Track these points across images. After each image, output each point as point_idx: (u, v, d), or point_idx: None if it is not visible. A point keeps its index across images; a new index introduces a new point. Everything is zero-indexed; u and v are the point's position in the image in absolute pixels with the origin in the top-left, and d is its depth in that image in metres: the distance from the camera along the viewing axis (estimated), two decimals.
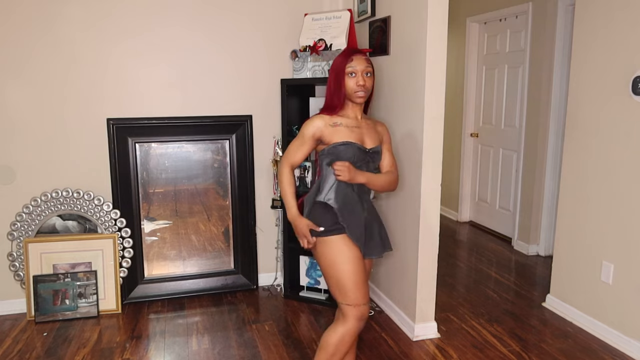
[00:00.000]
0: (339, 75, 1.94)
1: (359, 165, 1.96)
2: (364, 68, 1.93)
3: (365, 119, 2.05)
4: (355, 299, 1.87)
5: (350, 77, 1.93)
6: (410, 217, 2.77)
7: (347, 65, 1.93)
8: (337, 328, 1.92)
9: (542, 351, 2.66)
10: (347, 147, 1.92)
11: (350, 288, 1.87)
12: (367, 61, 1.95)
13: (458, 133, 5.19)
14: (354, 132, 1.96)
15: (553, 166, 4.05)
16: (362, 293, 1.87)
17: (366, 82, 1.93)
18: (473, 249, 4.39)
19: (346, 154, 1.92)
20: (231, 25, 3.25)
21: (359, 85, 1.92)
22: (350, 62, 1.93)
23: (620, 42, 2.63)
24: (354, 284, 1.86)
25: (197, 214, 3.40)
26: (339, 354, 1.93)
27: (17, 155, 3.04)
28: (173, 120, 3.23)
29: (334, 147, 1.92)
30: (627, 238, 2.64)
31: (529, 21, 4.08)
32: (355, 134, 1.96)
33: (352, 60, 1.93)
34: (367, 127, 2.02)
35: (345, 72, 1.93)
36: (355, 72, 1.92)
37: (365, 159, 1.98)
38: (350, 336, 1.92)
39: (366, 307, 1.91)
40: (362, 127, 2.00)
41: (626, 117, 2.61)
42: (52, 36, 2.97)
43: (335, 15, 3.10)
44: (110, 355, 2.64)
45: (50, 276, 3.03)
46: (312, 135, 1.95)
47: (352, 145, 1.92)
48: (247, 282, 3.48)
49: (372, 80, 1.97)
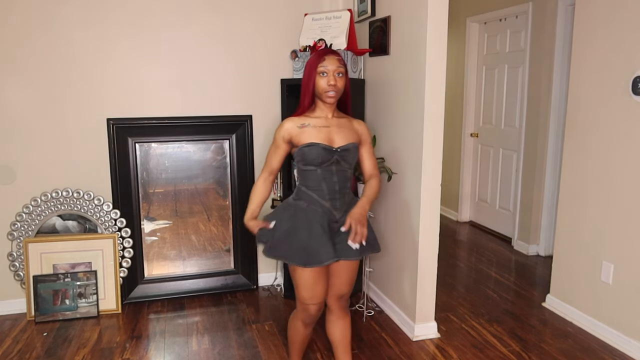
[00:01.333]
0: (310, 75, 1.96)
1: (326, 166, 1.96)
2: (336, 68, 1.94)
3: (338, 118, 2.03)
4: (303, 299, 2.03)
5: (322, 77, 1.94)
6: (410, 217, 2.77)
7: (319, 65, 1.94)
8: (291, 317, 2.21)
9: (542, 351, 2.66)
10: (311, 148, 1.94)
11: (300, 289, 2.03)
12: (339, 62, 1.96)
13: (458, 133, 5.19)
14: (321, 132, 1.97)
15: (553, 166, 4.05)
16: (309, 294, 2.01)
17: (337, 82, 1.94)
18: (473, 249, 4.39)
19: (310, 155, 1.94)
20: (231, 25, 3.26)
21: (330, 85, 1.93)
22: (322, 61, 1.94)
23: (620, 42, 2.63)
24: (302, 287, 2.01)
25: (197, 214, 3.40)
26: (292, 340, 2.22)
27: (17, 155, 3.04)
28: (173, 120, 3.23)
29: (300, 149, 1.96)
30: (627, 238, 2.64)
31: (529, 21, 4.08)
32: (322, 134, 1.96)
33: (324, 60, 1.94)
34: (339, 126, 2.01)
35: (317, 72, 1.94)
36: (326, 71, 1.93)
37: (332, 159, 1.96)
38: (297, 328, 2.15)
39: (314, 307, 2.04)
40: (333, 126, 1.99)
41: (626, 117, 2.61)
42: (52, 36, 2.97)
43: (335, 15, 3.10)
44: (110, 355, 2.64)
45: (50, 276, 3.03)
46: (283, 139, 1.99)
47: (317, 146, 1.94)
48: (247, 282, 3.48)
49: (343, 80, 1.97)
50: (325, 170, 1.97)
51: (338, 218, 2.00)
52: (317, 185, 1.99)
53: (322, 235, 1.94)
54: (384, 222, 3.11)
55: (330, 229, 1.99)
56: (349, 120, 2.06)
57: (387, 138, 3.00)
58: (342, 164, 1.99)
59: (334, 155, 1.96)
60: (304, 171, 2.00)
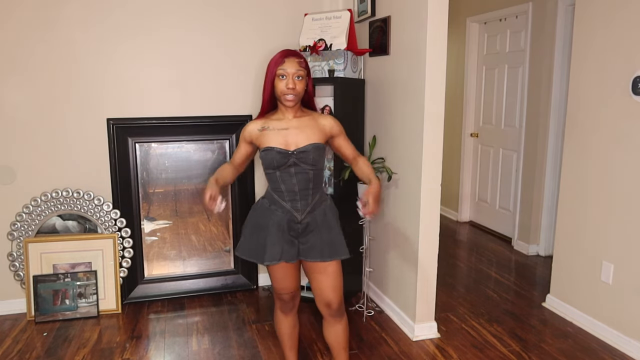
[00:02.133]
0: (270, 77, 1.95)
1: (284, 169, 1.96)
2: (295, 71, 1.90)
3: (301, 118, 2.00)
4: (274, 289, 2.15)
5: (281, 80, 1.92)
6: (410, 217, 2.77)
7: (278, 67, 1.92)
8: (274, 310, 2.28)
9: (542, 351, 2.66)
10: (266, 152, 1.95)
11: (272, 281, 2.14)
12: (299, 64, 1.92)
13: (458, 133, 5.19)
14: (279, 134, 1.96)
15: (553, 166, 4.05)
16: (279, 286, 2.11)
17: (296, 86, 1.91)
18: (473, 249, 4.39)
19: (266, 159, 1.96)
20: (231, 25, 3.26)
21: (289, 89, 1.90)
22: (281, 64, 1.91)
23: (620, 42, 2.63)
24: (272, 279, 2.12)
25: (197, 214, 3.40)
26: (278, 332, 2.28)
27: (17, 155, 3.04)
28: (173, 120, 3.23)
29: (260, 154, 2.00)
30: (627, 238, 2.64)
31: (529, 21, 4.08)
32: (280, 137, 1.95)
33: (284, 62, 1.91)
34: (300, 127, 1.97)
35: (276, 74, 1.93)
36: (285, 74, 1.90)
37: (289, 162, 1.95)
38: (278, 317, 2.24)
39: (286, 295, 2.13)
40: (293, 127, 1.97)
41: (626, 117, 2.61)
42: (52, 36, 2.97)
43: (335, 15, 3.10)
44: (110, 355, 2.64)
45: (50, 276, 3.03)
46: (244, 139, 2.04)
47: (271, 151, 1.94)
48: (247, 282, 3.48)
49: (303, 83, 1.94)
50: (284, 172, 1.97)
51: (300, 219, 2.00)
52: (277, 187, 2.01)
53: (275, 234, 1.98)
54: (384, 222, 3.11)
55: (290, 229, 2.00)
56: (312, 118, 2.02)
57: (387, 138, 3.00)
58: (301, 166, 1.96)
59: (290, 158, 1.94)
60: (266, 173, 2.03)
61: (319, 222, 2.02)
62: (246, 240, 2.07)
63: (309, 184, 1.99)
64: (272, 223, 2.00)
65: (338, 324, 2.13)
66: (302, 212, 2.00)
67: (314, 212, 2.02)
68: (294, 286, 2.13)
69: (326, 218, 2.04)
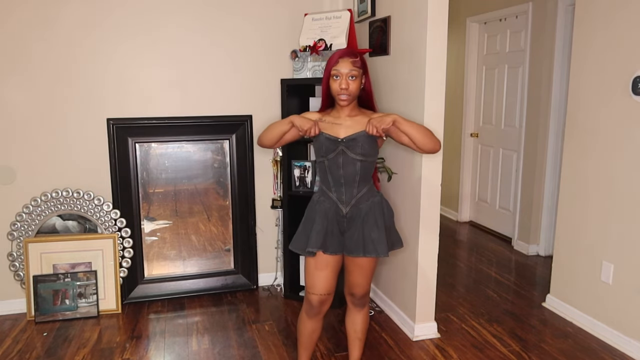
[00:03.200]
0: (326, 76, 2.00)
1: (332, 157, 1.99)
2: (348, 71, 1.94)
3: (355, 117, 2.02)
4: (306, 286, 2.12)
5: (335, 80, 1.96)
6: (411, 217, 2.77)
7: (332, 68, 1.96)
8: None
9: (542, 351, 2.66)
10: (316, 139, 2.02)
11: (305, 276, 2.12)
12: (353, 64, 1.94)
13: (458, 133, 5.19)
14: (332, 126, 2.01)
15: (553, 166, 4.06)
16: (310, 283, 2.08)
17: (349, 86, 1.94)
18: (473, 249, 4.39)
19: (316, 145, 2.03)
20: (231, 25, 3.25)
21: (342, 89, 1.95)
22: (335, 64, 1.96)
23: (620, 42, 2.63)
24: (306, 274, 2.11)
25: (197, 214, 3.40)
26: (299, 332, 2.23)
27: (17, 155, 3.04)
28: (173, 120, 3.23)
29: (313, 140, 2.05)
30: (627, 238, 2.64)
31: (529, 21, 4.08)
32: (331, 128, 2.01)
33: (338, 62, 1.96)
34: (352, 125, 2.00)
35: (330, 75, 1.98)
36: (339, 74, 1.95)
37: (337, 149, 1.98)
38: (301, 317, 2.19)
39: (314, 297, 2.08)
40: (344, 123, 2.01)
41: (626, 117, 2.61)
42: (52, 36, 2.97)
43: (335, 15, 3.10)
44: (110, 355, 2.64)
45: (50, 276, 3.03)
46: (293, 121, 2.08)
47: (320, 136, 2.00)
48: (247, 282, 3.48)
49: (357, 83, 1.96)
50: (332, 161, 2.00)
51: (345, 213, 2.02)
52: (324, 177, 2.05)
53: (321, 223, 2.01)
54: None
55: (337, 221, 2.03)
56: (366, 117, 2.02)
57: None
58: (349, 156, 1.98)
59: (338, 145, 1.98)
60: (317, 163, 2.07)
61: (364, 216, 2.02)
62: (297, 234, 2.10)
63: (355, 176, 2.01)
64: (319, 214, 2.03)
65: (359, 313, 2.24)
66: (347, 204, 2.02)
67: (359, 206, 2.02)
68: (325, 288, 2.07)
69: (372, 213, 2.02)
